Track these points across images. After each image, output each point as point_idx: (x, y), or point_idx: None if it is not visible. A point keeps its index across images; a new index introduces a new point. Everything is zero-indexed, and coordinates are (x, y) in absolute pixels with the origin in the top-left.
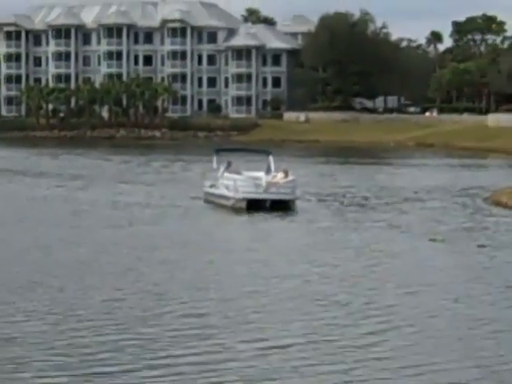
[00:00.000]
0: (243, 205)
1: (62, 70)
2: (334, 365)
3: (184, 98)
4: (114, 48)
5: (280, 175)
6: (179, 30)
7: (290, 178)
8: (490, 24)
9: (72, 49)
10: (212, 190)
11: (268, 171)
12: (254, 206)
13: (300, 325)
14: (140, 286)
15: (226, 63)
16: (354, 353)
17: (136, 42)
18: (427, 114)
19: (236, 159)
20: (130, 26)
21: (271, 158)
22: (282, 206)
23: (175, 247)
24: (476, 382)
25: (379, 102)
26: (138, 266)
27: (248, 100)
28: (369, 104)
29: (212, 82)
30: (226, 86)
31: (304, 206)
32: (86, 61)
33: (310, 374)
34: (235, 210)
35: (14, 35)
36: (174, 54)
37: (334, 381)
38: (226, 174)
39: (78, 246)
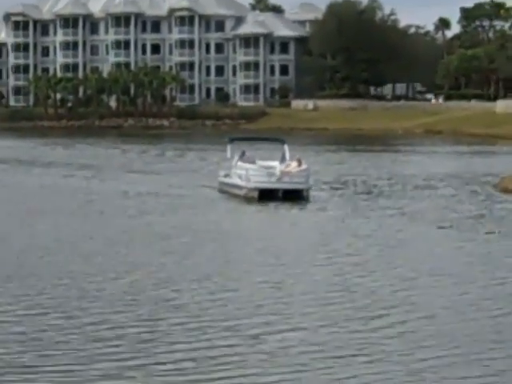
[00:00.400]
0: (255, 194)
1: (70, 60)
2: (357, 356)
3: (192, 87)
4: (121, 37)
5: (294, 164)
6: (187, 19)
7: (304, 166)
8: (498, 10)
9: (80, 38)
10: (226, 180)
11: (283, 160)
12: (267, 195)
13: (320, 315)
14: (155, 277)
15: (234, 51)
16: (376, 344)
17: (144, 30)
18: (433, 101)
19: (252, 148)
20: (137, 15)
21: (286, 147)
22: (295, 196)
23: (185, 237)
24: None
25: (388, 89)
26: (151, 256)
27: (256, 88)
28: (385, 91)
29: (220, 70)
30: (234, 74)
31: (316, 194)
32: (94, 50)
33: (332, 365)
34: (247, 199)
35: (21, 25)
36: (181, 43)
37: (357, 372)
38: (238, 164)
39: (90, 237)
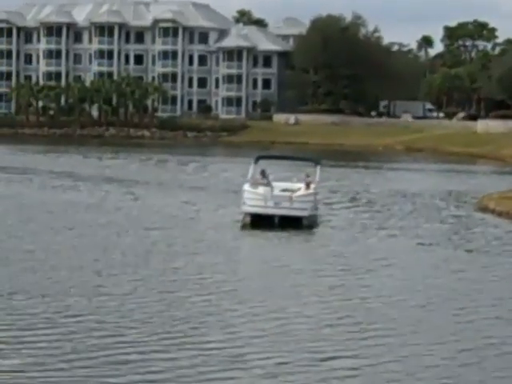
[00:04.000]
0: (248, 220)
1: (53, 68)
2: None
3: (174, 98)
4: (105, 47)
5: (303, 187)
6: (171, 30)
7: (310, 190)
8: (481, 30)
9: (63, 47)
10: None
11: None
12: (262, 221)
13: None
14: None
15: (217, 64)
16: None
17: (127, 41)
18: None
19: (288, 168)
20: (121, 25)
21: (318, 168)
22: (293, 224)
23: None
24: None
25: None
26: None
27: (238, 101)
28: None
29: (202, 82)
30: (217, 86)
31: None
32: (77, 59)
33: None
34: (243, 225)
35: (5, 32)
36: (164, 54)
37: None
38: (245, 186)
39: (89, 251)
